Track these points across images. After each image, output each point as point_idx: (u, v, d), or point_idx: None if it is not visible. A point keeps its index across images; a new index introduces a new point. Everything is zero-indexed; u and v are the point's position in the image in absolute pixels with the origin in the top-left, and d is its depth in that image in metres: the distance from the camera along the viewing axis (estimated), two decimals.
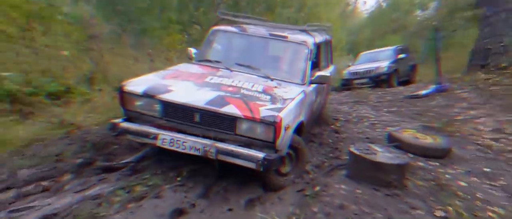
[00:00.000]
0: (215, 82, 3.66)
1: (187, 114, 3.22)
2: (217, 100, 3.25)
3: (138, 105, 3.35)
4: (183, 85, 3.49)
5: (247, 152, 3.09)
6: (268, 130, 3.10)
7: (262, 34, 4.48)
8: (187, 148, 3.13)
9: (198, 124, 3.23)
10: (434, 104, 6.78)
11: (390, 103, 7.32)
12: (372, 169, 2.82)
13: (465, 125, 5.33)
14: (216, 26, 4.76)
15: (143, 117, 3.36)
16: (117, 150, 3.93)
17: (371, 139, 4.43)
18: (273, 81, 3.92)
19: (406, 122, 5.42)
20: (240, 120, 3.14)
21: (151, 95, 3.26)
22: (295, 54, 4.40)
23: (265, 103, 3.31)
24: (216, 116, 3.17)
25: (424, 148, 4.08)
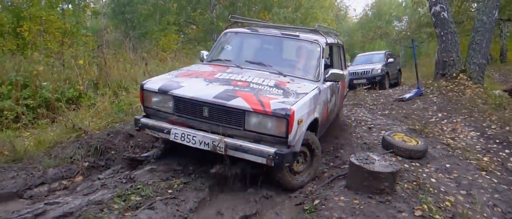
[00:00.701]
0: (225, 77, 3.48)
1: (196, 109, 3.10)
2: (225, 93, 3.05)
3: (154, 102, 3.34)
4: (193, 81, 3.39)
5: (257, 147, 2.87)
6: (279, 124, 2.83)
7: (274, 33, 4.29)
8: (197, 143, 3.01)
9: (207, 119, 3.08)
10: (415, 107, 6.84)
11: (383, 105, 7.44)
12: (369, 178, 2.80)
13: (435, 126, 5.72)
14: (229, 28, 4.62)
15: (159, 113, 3.34)
16: (115, 155, 3.95)
17: (369, 145, 4.47)
18: (286, 77, 3.68)
19: (396, 126, 5.49)
20: (249, 114, 2.90)
21: (165, 91, 3.21)
22: (307, 52, 4.14)
23: (277, 96, 3.05)
24: (224, 110, 2.98)
25: (409, 151, 4.26)
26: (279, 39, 4.28)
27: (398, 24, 34.05)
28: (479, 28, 7.87)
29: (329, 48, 4.47)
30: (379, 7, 36.89)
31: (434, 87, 7.86)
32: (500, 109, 6.56)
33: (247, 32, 4.43)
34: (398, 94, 8.60)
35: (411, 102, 7.25)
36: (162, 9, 18.03)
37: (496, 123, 5.81)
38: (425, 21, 16.08)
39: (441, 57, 8.08)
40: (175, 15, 18.47)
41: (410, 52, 31.46)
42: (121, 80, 6.59)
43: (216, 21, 19.04)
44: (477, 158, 4.56)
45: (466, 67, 7.90)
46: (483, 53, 7.85)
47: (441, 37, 8.05)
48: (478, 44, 7.84)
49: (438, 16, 8.05)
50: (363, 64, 11.71)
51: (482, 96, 7.20)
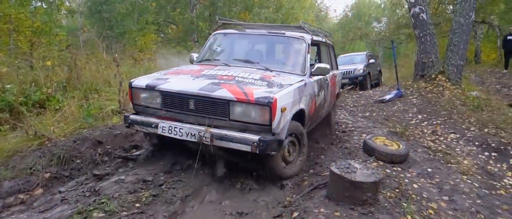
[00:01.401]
0: (211, 73, 3.55)
1: (183, 102, 3.16)
2: (210, 86, 3.12)
3: (142, 98, 3.40)
4: (180, 77, 3.46)
5: (242, 135, 2.93)
6: (263, 111, 2.91)
7: (260, 32, 4.44)
8: (183, 134, 3.07)
9: (193, 112, 3.14)
10: (395, 109, 6.77)
11: (364, 107, 7.32)
12: (350, 189, 2.61)
13: (416, 128, 5.68)
14: (218, 29, 4.70)
15: (148, 109, 3.41)
16: (80, 164, 3.66)
17: (350, 149, 4.29)
18: (272, 72, 3.76)
19: (377, 128, 5.37)
20: (233, 104, 2.97)
21: (152, 87, 3.28)
22: (293, 48, 4.24)
23: (260, 87, 3.14)
24: (209, 101, 3.05)
25: (391, 155, 4.14)
26: (265, 38, 4.42)
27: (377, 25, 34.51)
28: (456, 30, 7.91)
29: (316, 46, 4.59)
30: (359, 8, 37.31)
31: (413, 88, 7.83)
32: (478, 111, 6.58)
33: (235, 33, 4.58)
34: (378, 95, 8.55)
35: (391, 104, 7.19)
36: (140, 8, 17.51)
37: (475, 125, 5.80)
38: (403, 22, 16.27)
39: (420, 59, 8.08)
40: (154, 14, 17.98)
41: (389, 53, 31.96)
42: (93, 82, 6.24)
43: (196, 21, 18.67)
44: (458, 161, 4.49)
45: (445, 68, 7.92)
46: (460, 54, 7.89)
47: (420, 38, 8.05)
48: (455, 45, 7.87)
49: (417, 18, 8.04)
50: (345, 65, 11.77)
51: (460, 97, 7.22)
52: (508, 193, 3.91)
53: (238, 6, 20.15)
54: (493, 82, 10.16)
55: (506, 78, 10.92)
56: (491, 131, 5.60)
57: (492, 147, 5.02)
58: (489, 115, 6.51)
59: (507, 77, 10.99)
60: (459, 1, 7.99)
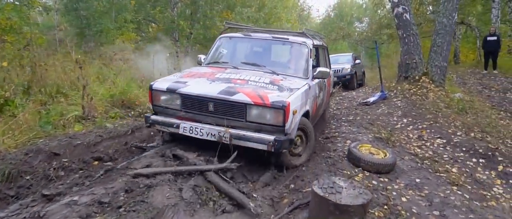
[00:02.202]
0: (225, 77, 3.79)
1: (202, 104, 3.39)
2: (227, 90, 3.36)
3: (163, 100, 3.60)
4: (197, 81, 3.67)
5: (259, 136, 3.21)
6: (277, 114, 3.18)
7: (265, 37, 4.68)
8: (204, 134, 3.32)
9: (212, 114, 3.37)
10: (380, 112, 6.50)
11: (347, 110, 7.02)
12: (335, 212, 2.26)
13: (401, 133, 5.41)
14: (224, 33, 4.93)
15: (167, 110, 3.61)
16: (31, 181, 3.16)
17: (333, 159, 3.95)
18: (278, 75, 4.03)
19: (362, 134, 5.08)
20: (250, 107, 3.22)
21: (173, 90, 3.49)
22: (297, 53, 4.52)
23: (273, 91, 3.41)
24: (227, 104, 3.29)
25: (377, 165, 3.84)
26: (270, 42, 4.68)
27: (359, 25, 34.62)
28: (440, 31, 7.72)
29: (315, 49, 4.80)
30: (341, 8, 37.36)
31: (397, 90, 7.60)
32: (463, 113, 6.39)
33: (241, 37, 4.79)
34: (361, 97, 8.31)
35: (375, 107, 6.92)
36: (118, 6, 16.80)
37: (461, 129, 5.58)
38: (385, 23, 16.19)
39: (404, 60, 7.85)
40: (133, 12, 17.29)
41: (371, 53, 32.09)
42: (59, 84, 5.70)
43: (177, 20, 18.09)
44: (446, 169, 4.22)
45: (428, 70, 7.72)
46: (444, 55, 7.71)
47: (404, 39, 7.82)
48: (439, 46, 7.68)
49: (400, 18, 7.81)
50: (333, 64, 11.85)
51: (445, 99, 7.02)
52: (499, 204, 3.67)
53: (220, 5, 19.67)
54: (474, 83, 10.08)
55: (486, 79, 10.89)
56: (477, 135, 5.39)
57: (480, 153, 4.78)
58: (474, 117, 6.33)
59: (487, 78, 10.97)
60: (442, 2, 7.81)
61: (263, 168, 3.65)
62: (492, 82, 10.25)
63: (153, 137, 4.53)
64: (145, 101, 5.99)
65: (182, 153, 3.45)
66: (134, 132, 4.47)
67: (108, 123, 4.67)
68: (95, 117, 4.65)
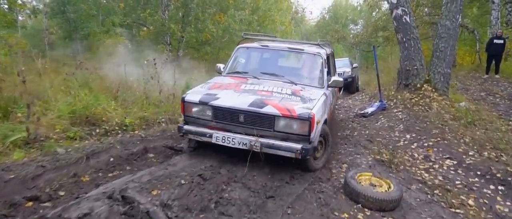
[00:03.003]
0: (250, 88, 3.94)
1: (233, 116, 3.53)
2: (256, 102, 3.53)
3: (194, 111, 3.73)
4: (226, 93, 3.80)
5: (287, 144, 3.37)
6: (303, 125, 3.35)
7: (282, 48, 4.88)
8: (236, 144, 3.45)
9: (242, 124, 3.51)
10: (379, 126, 5.74)
11: (343, 123, 6.24)
12: None
13: (405, 152, 4.67)
14: (241, 43, 5.06)
15: (198, 121, 3.72)
16: None
17: (327, 193, 3.25)
18: (297, 85, 4.18)
19: (360, 155, 4.36)
20: (278, 118, 3.40)
21: (205, 102, 3.63)
22: (312, 63, 4.66)
23: (297, 103, 3.58)
24: (257, 116, 3.45)
25: (380, 202, 3.13)
26: (287, 53, 4.95)
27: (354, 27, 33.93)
28: (442, 34, 6.98)
29: (327, 58, 4.84)
30: (336, 11, 36.67)
31: (397, 99, 6.85)
32: (471, 127, 5.65)
33: (258, 47, 4.96)
34: (358, 107, 7.55)
35: (374, 119, 6.16)
36: (106, 8, 16.00)
37: (472, 147, 4.83)
38: (381, 25, 15.47)
39: (404, 66, 7.10)
40: (122, 16, 16.48)
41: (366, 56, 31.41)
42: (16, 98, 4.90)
43: (167, 23, 17.29)
44: (462, 202, 3.47)
45: (430, 77, 6.98)
46: (447, 61, 6.96)
47: (404, 43, 7.07)
48: (442, 51, 6.94)
49: (400, 20, 7.07)
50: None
51: (449, 110, 6.28)
52: None
53: (212, 8, 18.90)
54: (477, 88, 9.35)
55: (488, 84, 10.16)
56: (491, 154, 4.63)
57: (498, 178, 4.04)
58: (483, 131, 5.58)
59: (489, 83, 10.24)
60: (445, 3, 7.07)
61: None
62: (495, 88, 9.52)
63: (116, 164, 3.74)
64: (115, 116, 5.21)
65: (133, 195, 2.67)
66: (89, 158, 3.67)
67: (61, 146, 3.87)
68: (44, 140, 3.85)
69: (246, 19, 19.34)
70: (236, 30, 18.00)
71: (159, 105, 6.28)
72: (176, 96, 6.59)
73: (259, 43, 5.10)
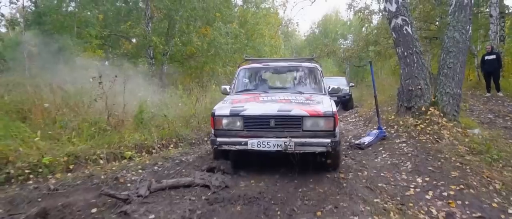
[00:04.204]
0: (269, 99, 4.24)
1: (264, 121, 3.78)
2: (283, 107, 3.85)
3: (225, 124, 3.91)
4: (251, 104, 4.05)
5: (317, 140, 3.66)
6: (329, 122, 3.69)
7: (282, 65, 5.40)
8: (271, 146, 3.67)
9: (273, 128, 3.75)
10: (381, 163, 4.39)
11: None
12: None
13: (419, 207, 3.28)
14: (241, 66, 5.47)
15: (229, 132, 3.89)
16: None
17: None
18: (305, 94, 4.53)
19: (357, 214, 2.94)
20: (306, 118, 3.70)
21: (236, 114, 3.87)
22: (312, 75, 5.10)
23: (316, 105, 3.93)
24: (287, 118, 3.72)
25: None
26: (288, 68, 5.36)
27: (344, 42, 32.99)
28: (450, 48, 5.73)
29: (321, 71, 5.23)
30: (326, 26, 35.77)
31: (399, 126, 5.54)
32: (496, 164, 4.33)
33: (260, 66, 5.29)
34: (352, 132, 6.22)
35: (372, 152, 4.81)
36: (81, 20, 14.62)
37: (506, 197, 3.50)
38: (372, 39, 14.32)
39: (406, 85, 5.81)
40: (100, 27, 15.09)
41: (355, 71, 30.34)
42: None
43: (149, 36, 15.97)
44: None
45: (437, 99, 5.70)
46: (457, 80, 5.69)
47: (405, 58, 5.81)
48: (450, 68, 5.68)
49: (400, 32, 5.81)
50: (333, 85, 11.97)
51: (464, 140, 4.96)
52: None
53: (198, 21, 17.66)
54: (481, 109, 8.11)
55: (492, 103, 8.96)
56: None
57: None
58: None
59: (494, 103, 9.04)
60: (451, 12, 5.85)
61: None
62: (501, 108, 8.30)
63: None
64: (30, 153, 3.78)
65: None
66: None
67: None
68: None
69: (233, 32, 18.14)
70: (222, 44, 16.77)
71: (104, 135, 4.87)
72: (126, 122, 5.21)
73: (259, 62, 5.46)
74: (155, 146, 5.05)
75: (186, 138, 5.79)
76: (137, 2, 18.34)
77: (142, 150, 4.91)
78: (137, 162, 4.36)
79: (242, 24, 20.82)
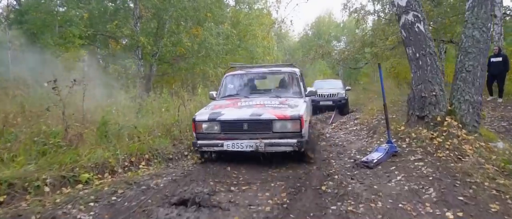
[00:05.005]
0: (246, 104, 4.67)
1: (238, 125, 4.20)
2: (255, 112, 4.27)
3: (204, 128, 4.35)
4: (228, 109, 4.50)
5: (285, 141, 4.07)
6: (295, 124, 4.09)
7: (263, 71, 5.98)
8: (244, 147, 4.10)
9: (246, 131, 4.17)
10: (395, 189, 3.45)
11: (338, 178, 3.85)
12: None
13: None
14: (227, 73, 5.95)
15: (208, 135, 4.32)
16: None
17: None
18: (282, 98, 4.96)
19: None
20: (275, 121, 4.11)
21: (213, 119, 4.30)
22: (290, 79, 5.51)
23: (287, 108, 4.35)
24: (258, 122, 4.15)
25: None
26: (268, 74, 6.02)
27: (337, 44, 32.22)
28: (469, 49, 4.86)
29: (301, 75, 5.70)
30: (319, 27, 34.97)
31: (411, 139, 4.64)
32: None
33: (243, 73, 5.82)
34: (354, 144, 5.31)
35: (383, 172, 3.89)
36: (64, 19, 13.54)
37: None
38: (369, 41, 13.47)
39: (417, 91, 4.92)
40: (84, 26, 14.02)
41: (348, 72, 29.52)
42: None
43: (136, 36, 14.94)
44: None
45: (454, 107, 4.83)
46: (477, 86, 4.82)
47: (416, 60, 4.92)
48: (469, 71, 4.81)
49: (411, 30, 4.93)
50: (328, 89, 11.97)
51: (490, 157, 4.07)
52: None
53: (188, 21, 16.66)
54: (494, 117, 7.28)
55: (501, 109, 8.15)
56: None
57: None
58: None
59: (503, 108, 8.24)
60: (470, 7, 4.98)
61: None
62: None
63: None
64: None
65: None
66: None
67: None
68: None
69: (224, 32, 17.19)
70: (213, 44, 15.81)
71: (58, 152, 3.89)
72: (89, 135, 4.23)
73: (243, 69, 5.98)
74: (121, 166, 4.08)
75: (163, 153, 4.83)
76: (125, 1, 17.30)
77: (104, 171, 3.94)
78: (92, 190, 3.39)
79: (234, 25, 19.89)
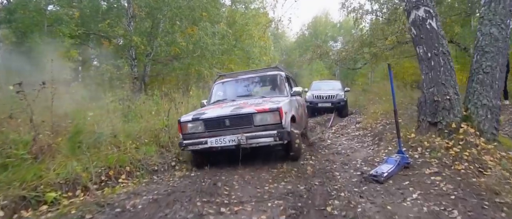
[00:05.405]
0: (230, 104, 4.91)
1: (220, 122, 4.31)
2: (237, 108, 4.44)
3: (189, 128, 4.45)
4: (212, 109, 4.70)
5: (266, 132, 4.12)
6: (275, 115, 4.17)
7: (250, 75, 6.01)
8: (227, 142, 4.18)
9: (228, 127, 4.27)
10: (414, 213, 2.86)
11: (343, 197, 3.29)
12: None
13: None
14: (217, 80, 6.17)
15: (193, 135, 4.41)
16: None
17: None
18: (267, 97, 5.14)
19: None
20: (255, 115, 4.20)
21: (197, 118, 4.42)
22: (275, 81, 5.69)
23: (267, 102, 4.55)
24: (239, 117, 4.24)
25: None
26: (255, 78, 5.95)
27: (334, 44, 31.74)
28: (487, 48, 4.35)
29: (286, 77, 5.86)
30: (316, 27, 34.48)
31: (424, 148, 4.11)
32: None
33: (231, 79, 6.05)
34: (359, 152, 4.78)
35: (395, 188, 3.35)
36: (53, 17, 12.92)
37: None
38: (368, 40, 12.97)
39: (429, 95, 4.40)
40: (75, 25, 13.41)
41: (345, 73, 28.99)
42: None
43: (130, 35, 14.34)
44: None
45: (470, 112, 4.32)
46: (495, 88, 4.31)
47: (428, 60, 4.41)
48: (487, 73, 4.30)
49: (422, 27, 4.42)
50: (326, 90, 11.83)
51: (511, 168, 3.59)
52: None
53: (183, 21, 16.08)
54: (505, 121, 6.81)
55: (509, 112, 7.69)
56: None
57: None
58: None
59: (510, 111, 7.77)
60: (486, 2, 4.46)
61: None
62: None
63: None
64: None
65: None
66: None
67: None
68: None
69: (220, 32, 16.64)
70: (208, 44, 15.26)
71: (22, 166, 3.32)
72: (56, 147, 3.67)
73: (230, 76, 6.18)
74: (96, 181, 3.52)
75: (147, 164, 4.28)
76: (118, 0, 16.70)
77: (76, 188, 3.38)
78: (56, 214, 2.83)
79: (230, 24, 19.35)
